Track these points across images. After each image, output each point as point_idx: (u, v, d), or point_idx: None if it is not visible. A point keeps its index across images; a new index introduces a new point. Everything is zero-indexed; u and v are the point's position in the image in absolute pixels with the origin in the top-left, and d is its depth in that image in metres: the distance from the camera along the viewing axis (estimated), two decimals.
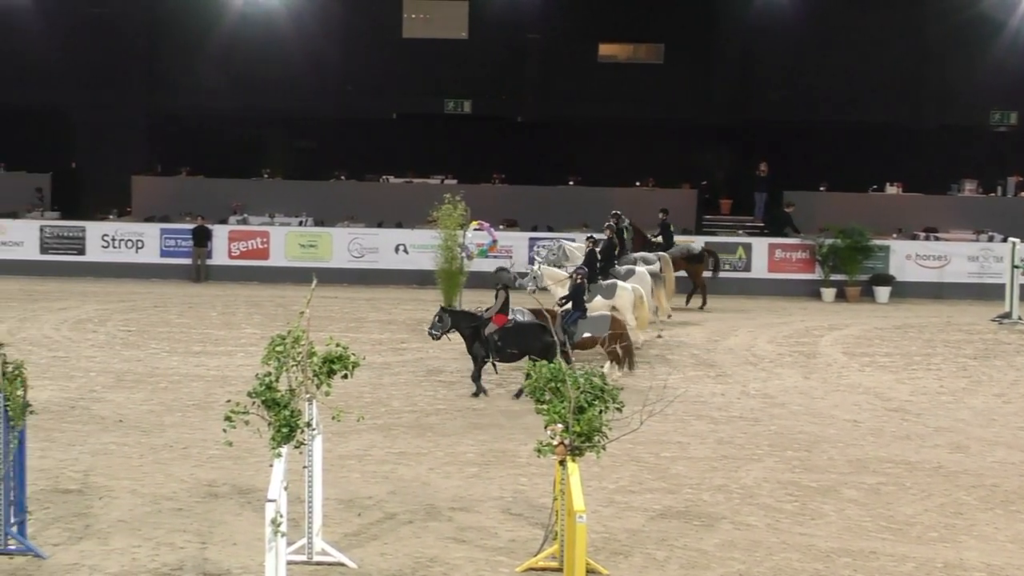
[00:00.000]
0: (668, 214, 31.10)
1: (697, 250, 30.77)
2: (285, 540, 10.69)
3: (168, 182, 38.58)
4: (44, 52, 39.44)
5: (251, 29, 39.78)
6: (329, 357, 11.33)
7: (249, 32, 39.74)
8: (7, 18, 39.59)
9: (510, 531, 12.88)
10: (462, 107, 41.22)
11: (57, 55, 39.56)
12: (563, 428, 11.34)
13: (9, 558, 11.70)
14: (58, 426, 16.81)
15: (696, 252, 30.64)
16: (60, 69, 39.71)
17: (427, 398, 19.33)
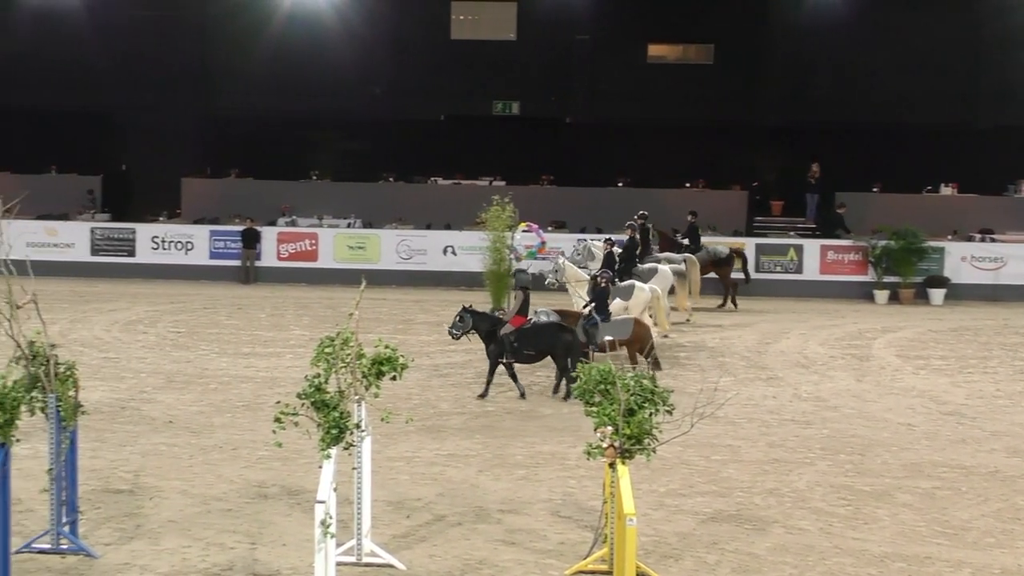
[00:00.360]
0: (696, 216, 31.12)
1: (724, 252, 30.64)
2: (334, 541, 10.68)
3: (217, 184, 38.84)
4: (95, 56, 39.84)
5: (300, 31, 40.00)
6: (378, 359, 11.31)
7: (298, 34, 39.96)
8: (58, 23, 40.03)
9: (559, 534, 12.79)
10: (510, 108, 41.21)
11: (107, 59, 39.95)
12: (613, 431, 11.24)
13: (61, 557, 11.75)
14: (109, 427, 16.90)
15: (723, 255, 30.52)
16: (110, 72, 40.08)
17: (475, 401, 19.25)
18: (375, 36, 40.64)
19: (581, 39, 40.36)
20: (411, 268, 33.62)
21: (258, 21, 39.98)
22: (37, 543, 11.89)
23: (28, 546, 11.84)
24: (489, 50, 40.63)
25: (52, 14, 40.08)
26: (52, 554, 11.78)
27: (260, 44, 39.78)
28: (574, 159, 39.52)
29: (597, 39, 40.39)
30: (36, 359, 11.63)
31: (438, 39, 40.83)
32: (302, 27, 40.08)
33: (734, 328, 27.01)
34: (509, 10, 40.72)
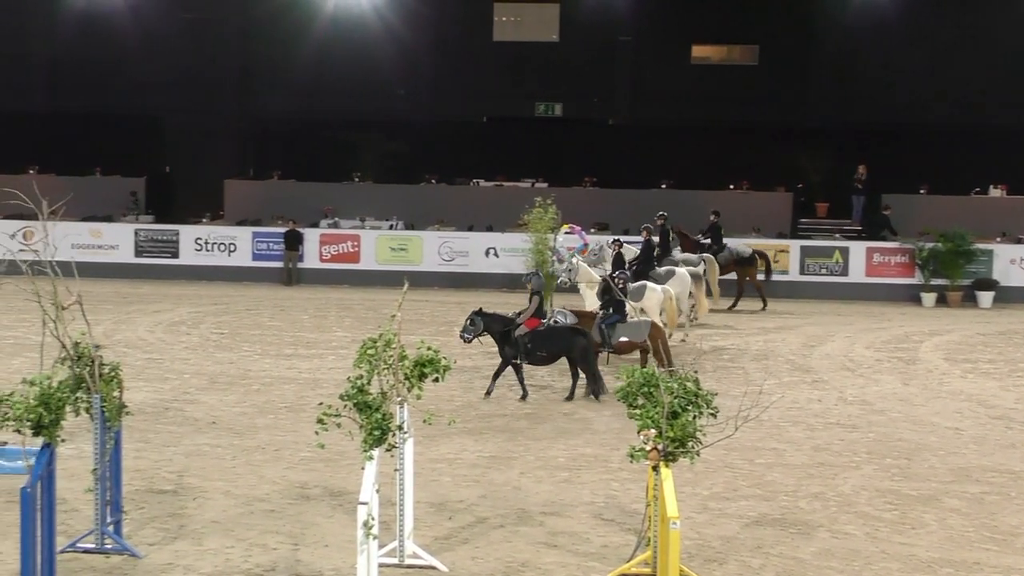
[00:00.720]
0: (719, 216, 30.91)
1: (747, 253, 30.51)
2: (376, 543, 10.67)
3: (260, 186, 39.01)
4: (139, 59, 40.14)
5: (342, 34, 40.12)
6: (420, 361, 11.30)
7: (340, 37, 40.08)
8: (103, 27, 40.35)
9: (602, 536, 12.72)
10: (553, 110, 41.14)
11: (151, 62, 40.22)
12: (656, 433, 11.16)
13: (106, 557, 11.81)
14: (153, 427, 16.99)
15: (746, 255, 30.39)
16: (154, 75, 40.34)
17: (517, 403, 19.20)
18: (417, 38, 40.70)
19: (624, 40, 40.22)
20: (453, 270, 33.61)
21: (300, 23, 40.13)
22: (82, 543, 11.97)
23: (73, 545, 11.92)
24: (531, 51, 40.58)
25: (96, 18, 40.40)
26: (96, 554, 11.85)
27: (302, 46, 39.93)
28: (617, 160, 39.37)
29: (640, 40, 40.25)
30: (81, 360, 11.69)
31: (480, 40, 40.81)
32: (344, 29, 40.19)
33: (778, 331, 26.82)
34: (552, 11, 40.64)
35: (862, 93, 38.94)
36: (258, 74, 41.37)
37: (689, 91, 39.60)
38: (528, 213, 26.96)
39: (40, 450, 10.85)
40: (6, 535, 12.18)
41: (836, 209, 37.32)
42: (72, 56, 41.04)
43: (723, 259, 29.85)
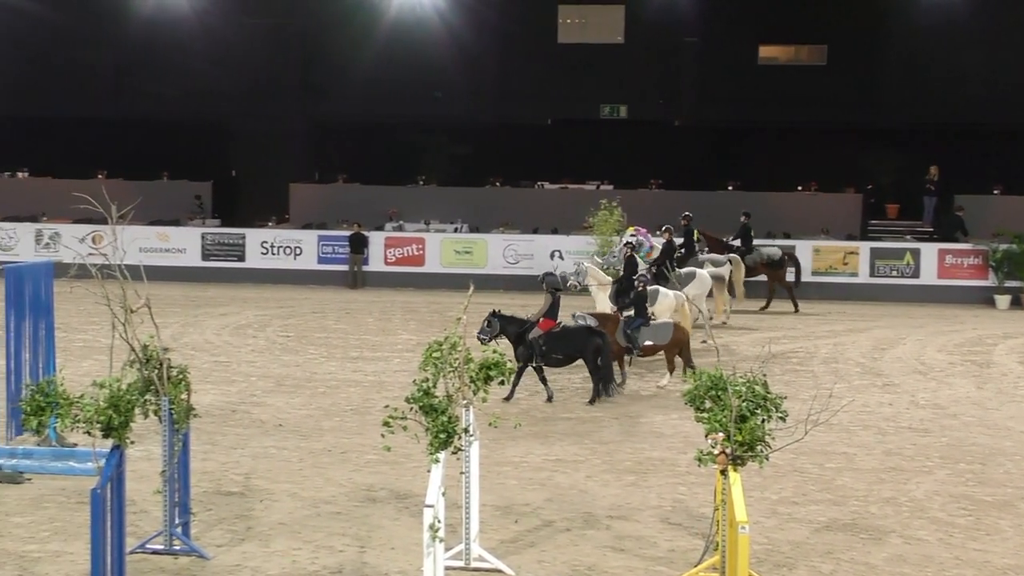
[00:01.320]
0: (750, 217, 30.70)
1: (777, 255, 30.29)
2: (443, 545, 10.63)
3: (325, 189, 39.27)
4: (204, 64, 40.65)
5: (406, 37, 40.32)
6: (486, 363, 11.25)
7: (404, 40, 40.28)
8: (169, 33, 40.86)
9: (669, 540, 12.60)
10: (618, 112, 41.05)
11: (217, 67, 40.72)
12: (724, 437, 11.02)
13: (174, 558, 11.86)
14: (220, 429, 17.08)
15: (776, 257, 30.20)
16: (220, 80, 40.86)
17: (583, 406, 19.12)
18: (481, 40, 40.81)
19: (690, 41, 40.04)
20: (518, 272, 33.58)
21: (364, 27, 40.39)
22: (151, 544, 12.00)
23: (142, 546, 11.97)
24: (596, 53, 40.50)
25: (163, 25, 40.96)
26: (165, 555, 11.88)
27: (366, 50, 40.18)
28: (683, 162, 39.20)
29: (706, 41, 40.06)
30: (149, 363, 11.74)
31: (545, 43, 40.82)
32: (408, 33, 40.38)
33: (848, 334, 26.52)
34: (617, 13, 40.55)
35: (933, 92, 38.46)
36: (323, 78, 41.68)
37: (756, 92, 39.34)
38: (593, 215, 26.95)
39: (110, 452, 10.89)
40: (77, 536, 12.29)
41: (907, 210, 36.90)
42: (139, 63, 41.68)
43: (752, 261, 29.70)
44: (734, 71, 40.02)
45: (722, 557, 11.19)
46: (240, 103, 40.66)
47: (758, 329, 26.87)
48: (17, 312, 15.54)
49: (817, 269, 32.99)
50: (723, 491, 11.12)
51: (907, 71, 38.98)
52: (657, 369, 21.20)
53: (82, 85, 41.69)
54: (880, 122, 38.31)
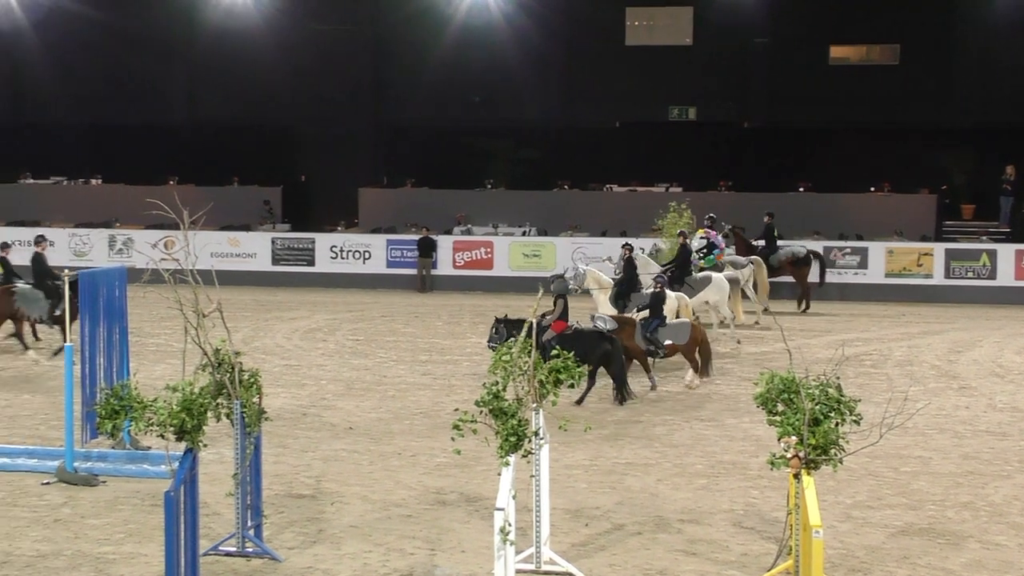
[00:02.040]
0: (773, 217, 30.62)
1: (802, 253, 30.22)
2: (513, 548, 10.61)
3: (394, 194, 39.44)
4: (273, 70, 41.05)
5: (473, 41, 40.43)
6: (555, 367, 11.22)
7: (471, 44, 40.40)
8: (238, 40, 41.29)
9: (742, 544, 12.47)
10: (687, 114, 40.85)
11: (286, 73, 41.12)
12: (797, 441, 10.88)
13: (247, 560, 11.93)
14: (291, 432, 17.18)
15: (801, 255, 30.08)
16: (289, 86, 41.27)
17: (654, 408, 19.03)
18: (549, 44, 40.82)
19: (760, 42, 39.73)
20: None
21: (432, 32, 40.55)
22: (224, 546, 12.09)
23: (215, 548, 12.05)
24: (665, 55, 40.33)
25: (232, 33, 41.40)
26: (238, 557, 11.95)
27: (434, 55, 40.32)
28: (753, 164, 38.93)
29: (776, 42, 39.75)
30: (221, 366, 11.82)
31: (612, 45, 40.72)
32: (475, 37, 40.48)
33: (923, 336, 26.16)
34: (685, 14, 40.35)
35: (1008, 91, 37.85)
36: (391, 83, 41.88)
37: (827, 92, 38.99)
38: (662, 218, 26.81)
39: (183, 455, 10.98)
40: (151, 538, 12.41)
41: (983, 211, 36.34)
42: (210, 70, 42.17)
43: (777, 260, 29.68)
44: (805, 72, 39.66)
45: (796, 562, 11.07)
46: (309, 108, 41.00)
47: (831, 331, 26.58)
48: (91, 317, 15.73)
49: (891, 271, 32.58)
50: (796, 495, 11.01)
51: (981, 69, 38.38)
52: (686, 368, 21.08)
53: (154, 93, 42.28)
54: (954, 121, 37.76)
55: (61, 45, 42.16)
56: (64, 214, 38.31)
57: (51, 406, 18.53)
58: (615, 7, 40.61)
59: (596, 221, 36.10)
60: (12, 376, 21.38)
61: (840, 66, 40.35)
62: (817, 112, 38.88)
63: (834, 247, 32.60)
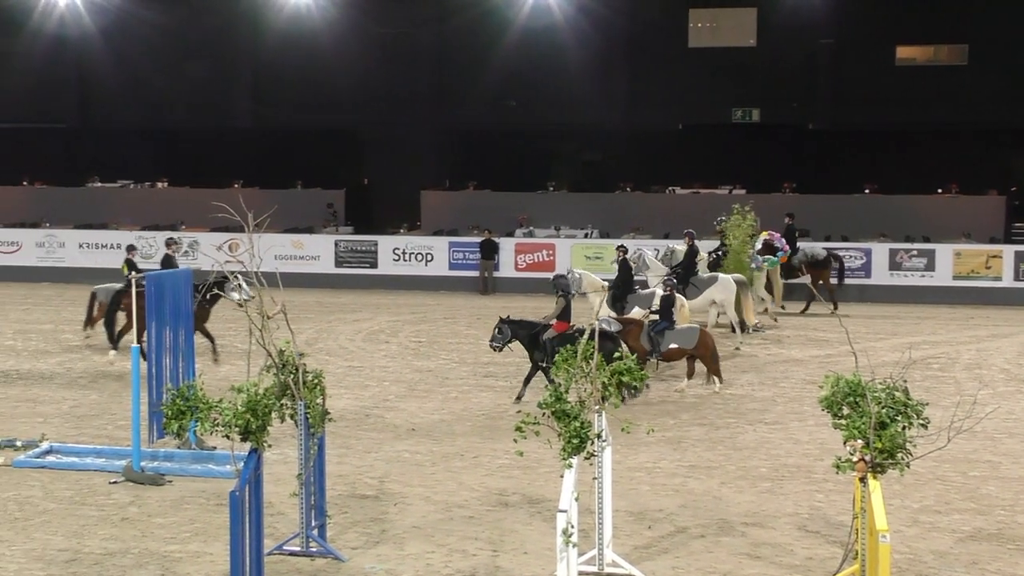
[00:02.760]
0: (794, 219, 30.53)
1: (822, 255, 30.07)
2: (576, 550, 10.59)
3: (456, 196, 39.57)
4: (336, 75, 41.37)
5: (535, 44, 40.48)
6: (618, 369, 11.19)
7: (533, 47, 40.43)
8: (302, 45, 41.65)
9: (806, 548, 12.37)
10: (750, 116, 40.61)
11: (348, 77, 41.41)
12: (863, 444, 10.76)
13: (311, 559, 12.02)
14: (354, 433, 17.27)
15: (821, 257, 29.99)
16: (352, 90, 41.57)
17: (717, 411, 18.94)
18: (611, 46, 40.77)
19: (825, 43, 39.41)
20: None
21: (494, 35, 40.62)
22: (288, 545, 12.18)
23: (280, 548, 12.15)
24: (728, 57, 40.14)
25: (296, 38, 41.79)
26: (302, 556, 12.05)
27: (495, 59, 40.39)
28: (817, 166, 38.65)
29: (842, 43, 39.43)
30: (286, 367, 11.92)
31: (675, 47, 40.58)
32: (537, 40, 40.53)
33: (991, 339, 25.83)
34: (749, 16, 40.14)
35: None
36: (453, 86, 42.03)
37: (893, 94, 38.63)
38: (725, 220, 26.70)
39: (248, 455, 11.07)
40: (216, 537, 12.54)
41: None
42: (274, 74, 42.60)
43: (796, 261, 29.62)
44: (871, 73, 39.30)
45: (862, 566, 10.95)
46: (372, 112, 41.28)
47: (897, 334, 26.30)
48: (158, 319, 15.93)
49: (958, 273, 32.17)
50: (862, 499, 10.88)
51: None
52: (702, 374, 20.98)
53: (219, 97, 42.77)
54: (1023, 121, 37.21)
55: (128, 51, 42.76)
56: (130, 217, 38.85)
57: (118, 406, 18.79)
58: (678, 9, 40.50)
59: (658, 223, 35.98)
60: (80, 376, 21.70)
61: (907, 67, 39.95)
62: (883, 113, 38.50)
63: (900, 249, 32.22)
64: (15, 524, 13.18)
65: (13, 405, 19.29)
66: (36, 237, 37.35)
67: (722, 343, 23.92)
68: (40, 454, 15.81)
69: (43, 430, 17.14)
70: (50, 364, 22.75)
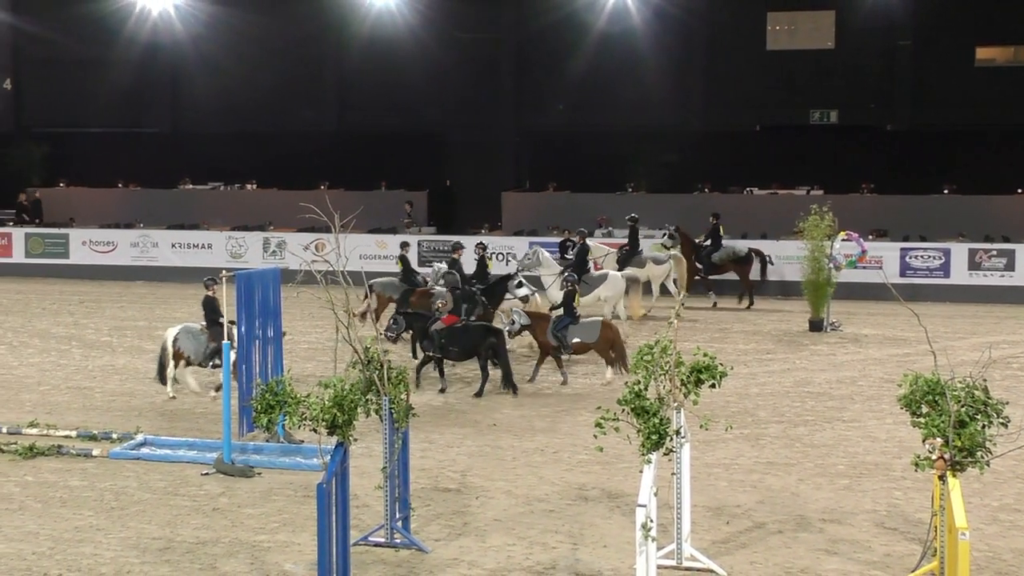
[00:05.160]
0: (719, 218, 31.26)
1: (744, 252, 30.54)
2: (655, 544, 10.74)
3: (536, 197, 39.75)
4: (419, 78, 41.80)
5: (613, 47, 40.52)
6: (697, 367, 11.34)
7: (611, 50, 40.49)
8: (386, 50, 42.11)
9: (885, 545, 12.44)
10: (828, 117, 40.34)
11: (430, 80, 41.82)
12: (943, 442, 10.83)
13: (395, 551, 12.28)
14: (437, 428, 17.55)
15: (743, 254, 30.58)
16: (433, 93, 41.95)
17: (795, 409, 18.97)
18: (689, 50, 40.79)
19: (904, 44, 39.09)
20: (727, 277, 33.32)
21: (574, 39, 40.76)
22: (373, 536, 12.46)
23: (365, 539, 12.43)
24: (806, 59, 39.94)
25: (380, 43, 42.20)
26: (386, 547, 12.32)
27: (576, 61, 40.55)
28: (896, 166, 38.30)
29: (920, 44, 39.02)
30: (371, 364, 12.20)
31: (753, 50, 40.46)
32: (615, 44, 40.57)
33: None
34: (827, 18, 39.89)
35: None
36: (532, 89, 42.24)
37: (973, 94, 38.15)
38: (803, 220, 26.66)
39: (334, 448, 11.28)
40: (303, 527, 12.88)
41: None
42: (359, 78, 43.15)
43: (719, 259, 30.40)
44: (950, 74, 38.85)
45: (940, 563, 11.00)
46: (454, 115, 41.66)
47: (976, 333, 26.08)
48: (247, 316, 16.35)
49: None
50: (941, 497, 10.94)
51: None
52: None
53: (306, 101, 43.43)
54: None
55: (218, 58, 43.52)
56: (221, 218, 39.68)
57: (210, 400, 19.29)
58: (756, 12, 40.35)
59: (736, 223, 35.86)
60: None
61: (986, 67, 39.44)
62: (963, 114, 38.05)
63: (980, 249, 31.90)
64: (111, 513, 13.63)
65: (110, 399, 19.87)
66: (130, 237, 38.24)
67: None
68: (135, 446, 16.30)
69: (138, 423, 17.68)
70: (144, 360, 23.36)
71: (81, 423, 17.79)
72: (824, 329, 26.46)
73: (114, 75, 43.98)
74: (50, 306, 31.29)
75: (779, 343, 25.24)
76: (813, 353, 24.09)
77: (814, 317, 26.70)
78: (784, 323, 27.83)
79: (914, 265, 31.59)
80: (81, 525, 13.19)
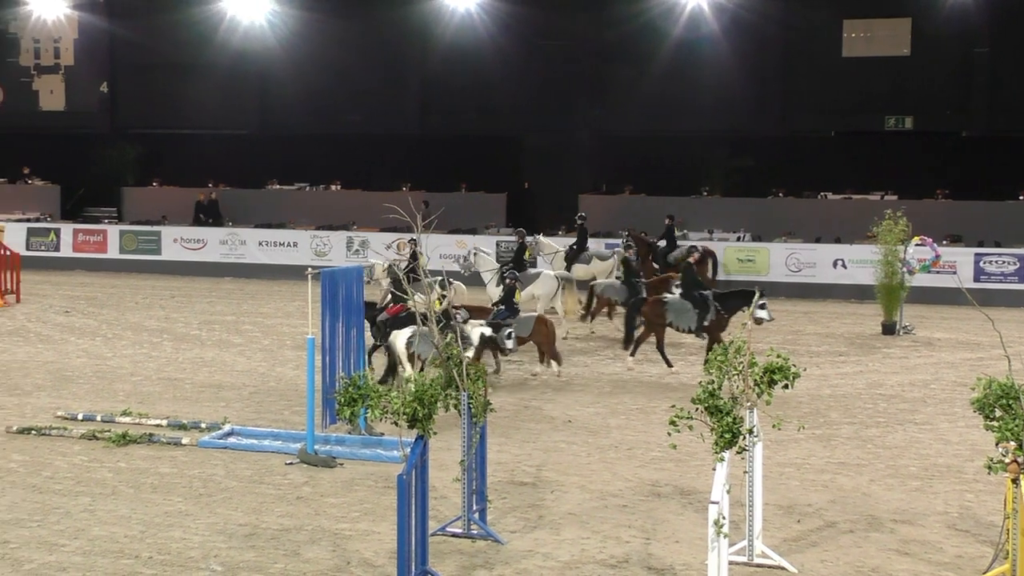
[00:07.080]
0: (674, 219, 32.20)
1: (698, 252, 29.95)
2: (727, 541, 10.86)
3: (612, 200, 40.01)
4: (499, 83, 42.26)
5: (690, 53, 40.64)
6: (770, 367, 11.46)
7: (688, 56, 40.61)
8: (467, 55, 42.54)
9: (956, 547, 12.53)
10: (903, 123, 40.16)
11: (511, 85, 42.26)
12: (1016, 446, 10.93)
13: (472, 541, 12.53)
14: (513, 424, 17.82)
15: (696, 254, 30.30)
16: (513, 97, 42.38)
17: (867, 411, 19.04)
18: (766, 56, 40.81)
19: (980, 52, 38.80)
20: (800, 280, 33.48)
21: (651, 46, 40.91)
22: (451, 527, 12.72)
23: (443, 529, 12.71)
24: (881, 66, 39.80)
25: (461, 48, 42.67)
26: (463, 538, 12.58)
27: (653, 67, 40.73)
28: (971, 172, 38.04)
29: (997, 50, 38.73)
30: (451, 360, 12.52)
31: (830, 57, 40.43)
32: (693, 49, 40.69)
33: None
34: (903, 25, 39.72)
35: None
36: (610, 93, 42.50)
37: None
38: (877, 225, 26.69)
39: (414, 441, 11.48)
40: (384, 517, 13.20)
41: None
42: (441, 82, 43.71)
43: (673, 259, 30.71)
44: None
45: (1012, 566, 11.04)
46: (533, 118, 42.08)
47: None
48: (331, 312, 16.79)
49: None
50: (1014, 500, 10.99)
51: None
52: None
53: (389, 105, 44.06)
54: None
55: (305, 63, 44.28)
56: (307, 217, 40.51)
57: (294, 393, 19.78)
58: (832, 19, 40.29)
59: (810, 228, 35.93)
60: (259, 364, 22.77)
61: None
62: None
63: None
64: (199, 499, 14.06)
65: (199, 390, 20.44)
66: (219, 235, 39.17)
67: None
68: (222, 436, 16.75)
69: (225, 414, 18.20)
70: (231, 353, 23.90)
71: (171, 413, 18.34)
72: (897, 332, 26.49)
73: (205, 79, 44.98)
74: (143, 300, 32.20)
75: (852, 346, 25.28)
76: (886, 356, 24.12)
77: (887, 320, 26.72)
78: (857, 326, 27.85)
79: (988, 270, 31.46)
80: (171, 510, 13.61)
